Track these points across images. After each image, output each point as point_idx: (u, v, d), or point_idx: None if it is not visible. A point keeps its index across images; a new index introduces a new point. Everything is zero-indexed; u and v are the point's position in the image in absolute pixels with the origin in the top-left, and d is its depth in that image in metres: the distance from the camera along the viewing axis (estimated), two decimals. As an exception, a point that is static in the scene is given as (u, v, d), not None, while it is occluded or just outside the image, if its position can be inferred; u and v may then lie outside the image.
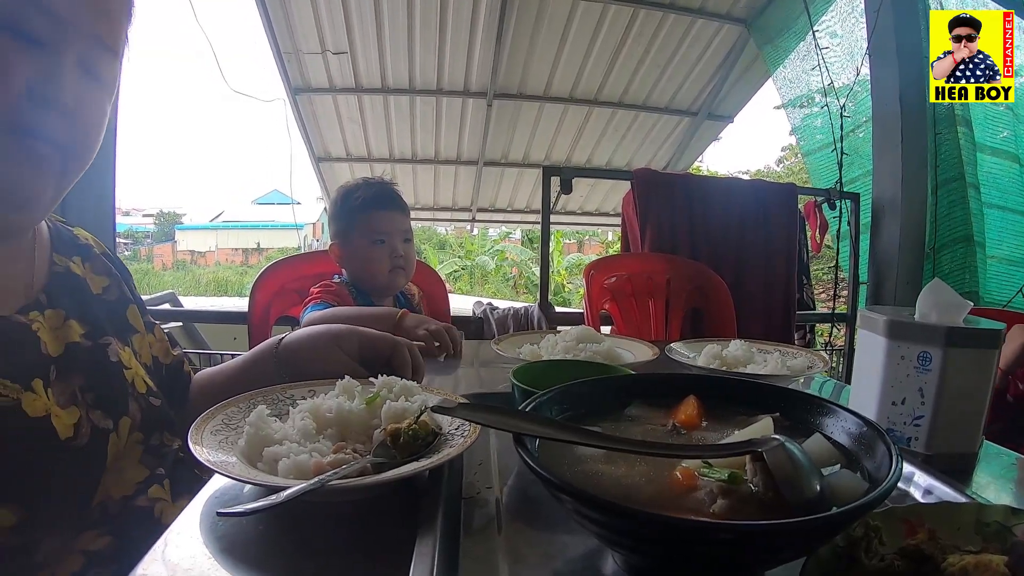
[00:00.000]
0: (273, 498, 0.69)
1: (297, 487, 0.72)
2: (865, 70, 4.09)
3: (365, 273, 2.17)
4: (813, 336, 4.39)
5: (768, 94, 6.66)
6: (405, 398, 0.96)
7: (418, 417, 0.88)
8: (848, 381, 1.54)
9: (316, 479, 0.74)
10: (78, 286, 1.05)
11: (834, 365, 4.31)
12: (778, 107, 5.03)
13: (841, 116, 4.12)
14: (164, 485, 0.99)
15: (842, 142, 4.11)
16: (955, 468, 0.96)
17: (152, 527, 0.93)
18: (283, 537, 0.73)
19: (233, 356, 1.70)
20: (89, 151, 0.92)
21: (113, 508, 0.90)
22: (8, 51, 0.79)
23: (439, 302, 2.56)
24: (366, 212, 2.16)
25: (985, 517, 0.64)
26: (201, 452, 0.79)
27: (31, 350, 0.89)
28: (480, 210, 8.84)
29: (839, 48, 4.42)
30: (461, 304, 4.40)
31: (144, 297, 3.92)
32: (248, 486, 0.82)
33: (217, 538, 0.71)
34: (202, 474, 0.82)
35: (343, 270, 2.24)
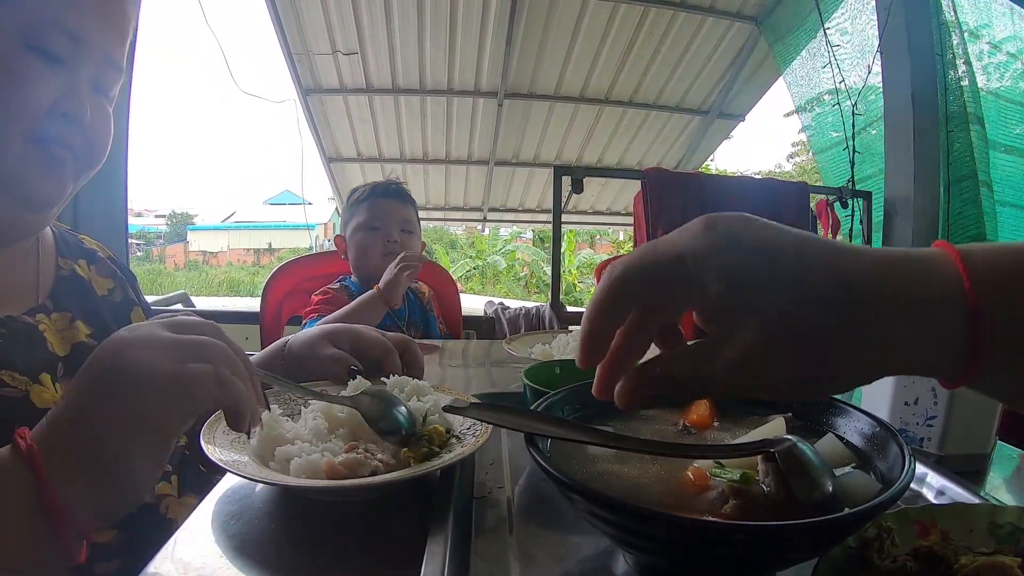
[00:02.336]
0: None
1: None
2: (876, 67, 4.07)
3: (360, 261, 2.21)
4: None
5: (779, 92, 6.63)
6: (417, 398, 0.97)
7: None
8: (860, 381, 1.53)
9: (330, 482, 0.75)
10: (83, 288, 1.06)
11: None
12: (788, 114, 5.01)
13: (853, 114, 4.10)
14: (172, 481, 1.00)
15: (854, 140, 4.09)
16: (968, 469, 0.95)
17: (158, 523, 0.95)
18: (295, 536, 0.74)
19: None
20: (99, 159, 0.96)
21: None
22: (36, 69, 0.84)
23: (451, 302, 2.57)
24: (364, 202, 2.23)
25: (999, 518, 0.64)
26: (213, 451, 0.79)
27: (39, 348, 0.90)
28: (491, 210, 8.84)
29: (850, 46, 4.40)
30: (473, 304, 4.41)
31: (156, 297, 3.94)
32: (260, 485, 0.82)
33: (229, 537, 0.72)
34: (210, 473, 0.83)
35: (348, 261, 2.28)
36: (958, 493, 0.82)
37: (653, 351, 0.56)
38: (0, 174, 0.85)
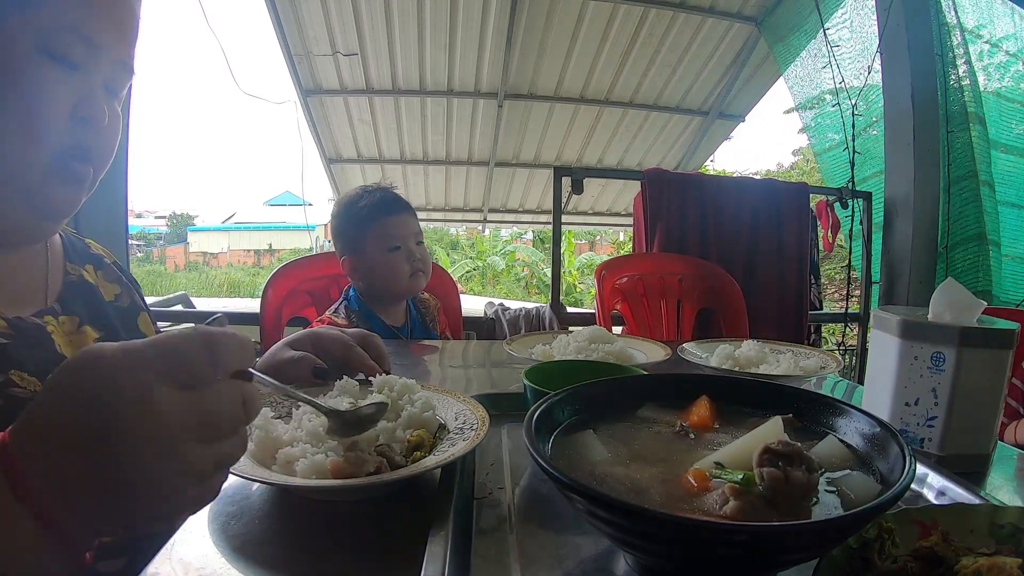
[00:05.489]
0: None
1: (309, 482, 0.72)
2: (876, 67, 4.07)
3: (385, 282, 2.12)
4: (819, 337, 4.37)
5: (779, 93, 6.62)
6: (409, 396, 0.97)
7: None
8: (861, 382, 1.54)
9: (339, 482, 0.76)
10: (91, 293, 1.07)
11: (846, 364, 4.29)
12: (788, 111, 5.02)
13: (853, 115, 4.10)
14: None
15: (854, 141, 4.09)
16: (969, 469, 0.95)
17: None
18: (295, 537, 0.74)
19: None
20: (109, 161, 0.97)
21: None
22: (54, 77, 0.85)
23: (451, 303, 2.56)
24: (376, 220, 2.11)
25: (999, 519, 0.64)
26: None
27: (47, 349, 0.91)
28: (491, 211, 8.83)
29: (850, 46, 4.39)
30: (473, 305, 4.41)
31: (157, 298, 3.94)
32: (256, 485, 0.83)
33: (228, 538, 0.72)
34: None
35: (357, 283, 2.18)
36: (959, 493, 0.82)
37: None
38: (23, 185, 0.86)
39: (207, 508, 0.77)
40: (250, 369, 0.62)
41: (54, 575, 0.57)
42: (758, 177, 12.42)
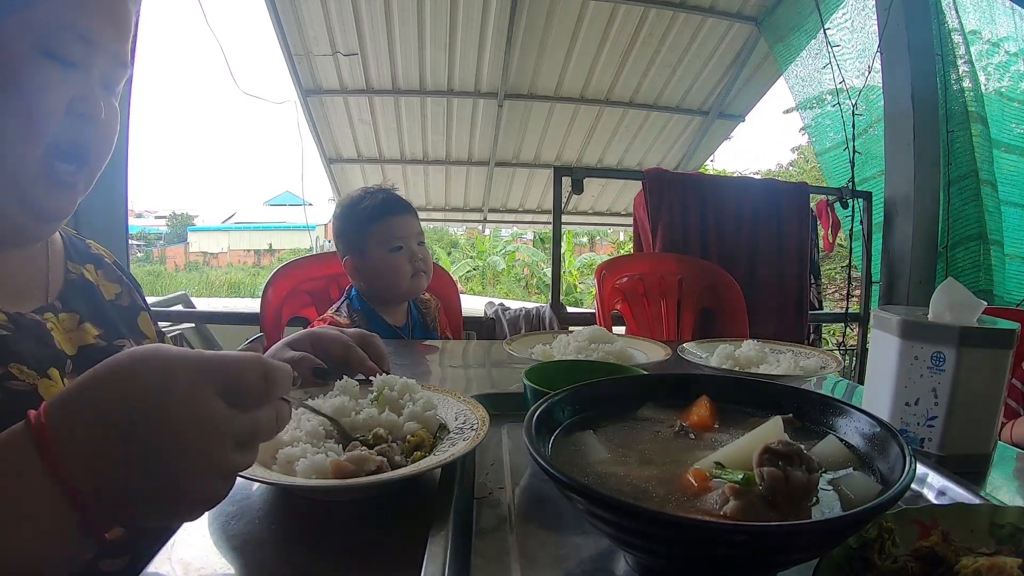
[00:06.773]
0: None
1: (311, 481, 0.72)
2: (877, 67, 4.07)
3: (387, 282, 2.13)
4: (819, 336, 4.37)
5: (779, 93, 6.61)
6: (410, 395, 0.97)
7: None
8: (861, 382, 1.53)
9: (339, 482, 0.76)
10: (92, 292, 1.07)
11: (846, 364, 4.29)
12: (788, 111, 5.01)
13: (853, 115, 4.10)
14: None
15: (854, 140, 4.09)
16: (969, 469, 0.95)
17: None
18: (295, 536, 0.74)
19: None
20: (107, 159, 0.97)
21: None
22: (52, 76, 0.84)
23: (451, 304, 2.56)
24: (378, 220, 2.12)
25: (999, 519, 0.64)
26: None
27: (46, 345, 0.91)
28: (492, 211, 8.82)
29: (850, 46, 4.39)
30: (473, 305, 4.40)
31: (157, 298, 3.92)
32: (256, 485, 0.83)
33: (229, 537, 0.72)
34: None
35: (359, 283, 2.18)
36: (959, 493, 0.82)
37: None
38: (18, 186, 0.86)
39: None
40: (288, 398, 0.67)
41: (70, 555, 0.60)
42: (758, 177, 12.43)
